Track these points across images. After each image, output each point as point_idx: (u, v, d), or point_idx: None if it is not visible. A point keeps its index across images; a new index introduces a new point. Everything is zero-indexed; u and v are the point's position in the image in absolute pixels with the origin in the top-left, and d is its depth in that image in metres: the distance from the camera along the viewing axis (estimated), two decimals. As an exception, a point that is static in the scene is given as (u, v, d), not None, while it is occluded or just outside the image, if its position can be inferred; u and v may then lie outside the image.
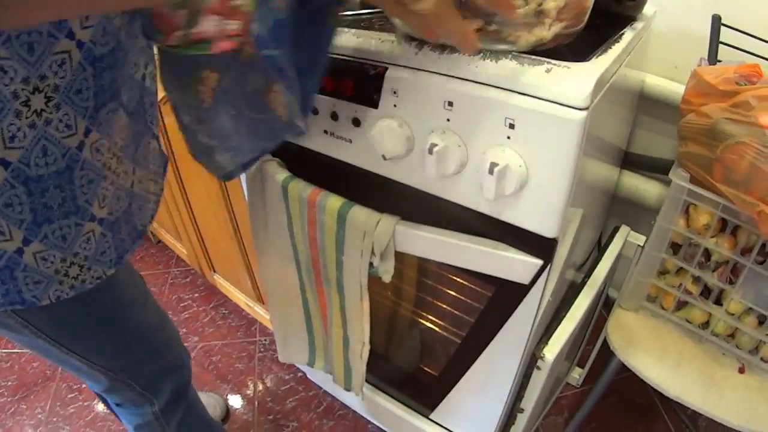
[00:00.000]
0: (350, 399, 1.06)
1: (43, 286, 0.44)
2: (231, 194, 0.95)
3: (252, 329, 1.30)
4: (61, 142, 0.39)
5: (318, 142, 0.63)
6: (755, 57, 0.74)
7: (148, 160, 0.53)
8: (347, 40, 0.55)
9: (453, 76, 0.47)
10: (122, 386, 0.65)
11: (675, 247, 0.72)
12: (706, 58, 0.78)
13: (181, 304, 1.38)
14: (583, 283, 0.76)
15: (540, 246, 0.52)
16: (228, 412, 1.11)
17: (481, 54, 0.47)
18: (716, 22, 0.77)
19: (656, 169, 0.97)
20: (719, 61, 0.77)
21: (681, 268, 0.72)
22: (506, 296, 0.60)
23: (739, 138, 0.58)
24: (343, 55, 0.55)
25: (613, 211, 1.08)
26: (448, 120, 0.49)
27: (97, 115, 0.41)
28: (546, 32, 0.45)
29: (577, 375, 1.10)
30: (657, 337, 0.76)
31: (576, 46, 0.49)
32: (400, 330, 0.92)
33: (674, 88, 0.89)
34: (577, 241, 0.62)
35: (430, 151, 0.48)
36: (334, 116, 0.58)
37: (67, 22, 0.36)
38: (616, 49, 0.51)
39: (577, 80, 0.43)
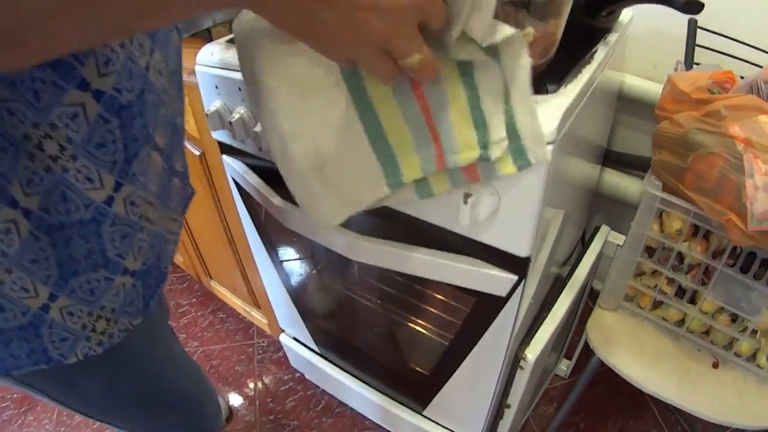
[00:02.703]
0: (348, 397, 1.10)
1: (70, 343, 0.40)
2: (223, 203, 0.97)
3: (250, 332, 1.33)
4: (83, 193, 0.35)
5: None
6: (732, 58, 0.75)
7: (169, 196, 0.47)
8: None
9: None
10: None
11: (650, 251, 0.74)
12: (683, 61, 0.79)
13: (180, 310, 1.40)
14: (565, 283, 0.79)
15: (514, 263, 0.54)
16: (230, 413, 1.14)
17: None
18: (692, 26, 0.78)
19: (637, 166, 0.99)
20: (697, 64, 0.78)
21: (656, 270, 0.75)
22: (486, 307, 0.62)
23: (710, 148, 0.60)
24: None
25: (597, 207, 1.10)
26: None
27: (129, 167, 0.37)
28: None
29: (564, 366, 1.14)
30: (635, 335, 0.79)
31: (548, 71, 0.51)
32: (394, 333, 0.95)
33: (653, 88, 0.90)
34: (559, 239, 0.64)
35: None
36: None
37: (77, 70, 0.31)
38: (585, 73, 0.53)
39: (543, 115, 0.44)
